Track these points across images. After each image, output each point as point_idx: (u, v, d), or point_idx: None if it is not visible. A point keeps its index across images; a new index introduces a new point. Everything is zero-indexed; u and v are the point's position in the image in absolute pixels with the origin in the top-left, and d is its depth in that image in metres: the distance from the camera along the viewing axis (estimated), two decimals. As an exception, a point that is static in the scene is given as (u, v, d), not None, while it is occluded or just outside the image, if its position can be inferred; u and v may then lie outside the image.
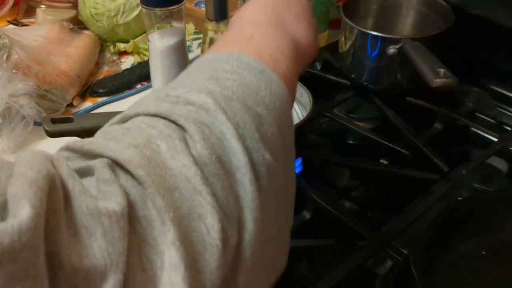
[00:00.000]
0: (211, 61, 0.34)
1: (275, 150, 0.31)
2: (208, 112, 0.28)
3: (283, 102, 0.33)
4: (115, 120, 0.30)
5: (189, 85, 0.31)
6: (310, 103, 0.64)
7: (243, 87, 0.31)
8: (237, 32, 0.39)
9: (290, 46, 0.39)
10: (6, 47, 0.72)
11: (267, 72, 0.33)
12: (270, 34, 0.39)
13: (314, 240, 0.57)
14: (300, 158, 0.68)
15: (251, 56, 0.33)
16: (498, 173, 0.70)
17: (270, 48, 0.36)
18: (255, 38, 0.37)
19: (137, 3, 0.92)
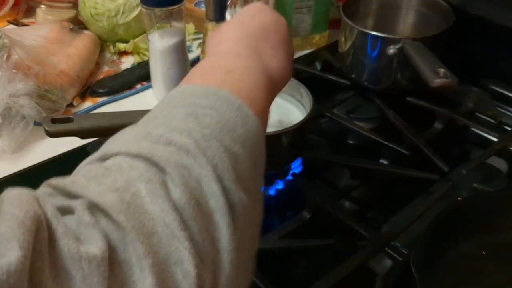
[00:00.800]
0: (191, 95, 0.34)
1: (249, 187, 0.31)
2: (188, 154, 0.29)
3: (258, 138, 0.34)
4: (96, 156, 0.30)
5: (170, 122, 0.31)
6: (310, 103, 0.64)
7: (221, 124, 0.32)
8: (215, 64, 0.40)
9: (265, 80, 0.39)
10: (6, 47, 0.72)
11: (244, 109, 0.34)
12: (247, 68, 0.39)
13: (314, 240, 0.57)
14: (300, 158, 0.68)
15: (229, 91, 0.34)
16: (498, 173, 0.70)
17: (247, 84, 0.37)
18: (233, 74, 0.37)
19: (137, 3, 0.92)
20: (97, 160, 0.29)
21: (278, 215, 0.65)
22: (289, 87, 0.69)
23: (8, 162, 0.69)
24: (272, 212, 0.66)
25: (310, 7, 0.92)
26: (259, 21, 0.45)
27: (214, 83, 0.35)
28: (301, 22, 0.94)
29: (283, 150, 0.63)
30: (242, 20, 0.45)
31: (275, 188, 0.65)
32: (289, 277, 0.57)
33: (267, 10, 0.47)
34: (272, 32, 0.45)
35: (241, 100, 0.34)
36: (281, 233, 0.58)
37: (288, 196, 0.66)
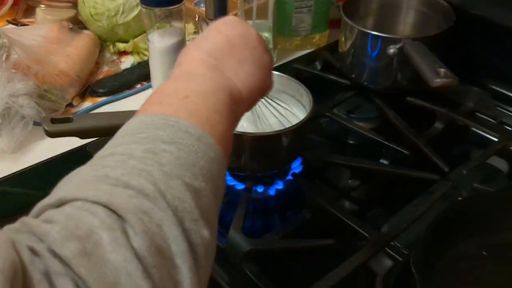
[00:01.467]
0: (149, 126, 0.33)
1: (211, 220, 0.31)
2: (148, 198, 0.28)
3: (219, 168, 0.34)
4: (52, 202, 0.28)
5: (128, 160, 0.30)
6: (310, 103, 0.64)
7: (181, 160, 0.31)
8: (173, 88, 0.38)
9: (227, 100, 0.39)
10: (5, 47, 0.72)
11: (204, 138, 0.33)
12: (207, 90, 0.38)
13: (314, 240, 0.57)
14: (300, 158, 0.68)
15: (188, 121, 0.33)
16: (498, 173, 0.70)
17: (207, 109, 0.36)
18: (191, 99, 0.36)
19: (136, 2, 0.92)
20: (54, 206, 0.28)
21: (278, 215, 0.65)
22: (289, 87, 0.69)
23: (7, 162, 0.69)
24: (272, 212, 0.66)
25: (310, 7, 0.92)
26: (224, 36, 0.44)
27: (173, 111, 0.34)
28: (301, 22, 0.94)
29: (283, 150, 0.63)
30: (206, 36, 0.44)
31: (275, 188, 0.65)
32: (289, 277, 0.57)
33: (235, 23, 0.46)
34: (238, 46, 0.44)
35: (201, 130, 0.33)
36: (281, 233, 0.58)
37: (288, 196, 0.66)
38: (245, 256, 0.54)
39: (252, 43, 0.45)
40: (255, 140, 0.61)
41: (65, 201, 0.28)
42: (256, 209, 0.64)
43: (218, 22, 0.46)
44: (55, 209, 0.28)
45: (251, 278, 0.53)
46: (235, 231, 0.55)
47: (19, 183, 0.67)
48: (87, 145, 0.67)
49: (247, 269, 0.53)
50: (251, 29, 0.46)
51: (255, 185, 0.64)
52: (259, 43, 0.46)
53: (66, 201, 0.28)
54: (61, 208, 0.27)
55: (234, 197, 0.65)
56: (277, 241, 0.57)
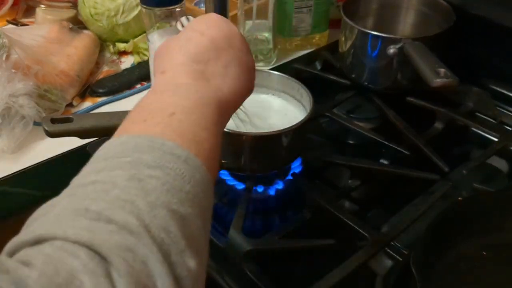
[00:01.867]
0: (133, 149, 0.31)
1: (199, 247, 0.30)
2: (131, 233, 0.27)
3: (206, 190, 0.33)
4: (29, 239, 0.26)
5: (111, 190, 0.28)
6: (310, 103, 0.64)
7: (167, 186, 0.30)
8: (158, 103, 0.37)
9: (214, 111, 0.38)
10: (5, 47, 0.72)
11: (191, 160, 0.32)
12: (193, 104, 0.37)
13: (314, 240, 0.57)
14: (300, 158, 0.68)
15: (174, 142, 0.32)
16: (498, 173, 0.70)
17: (193, 126, 0.35)
18: (176, 116, 0.35)
19: (136, 2, 0.92)
20: (31, 243, 0.26)
21: (278, 215, 0.65)
22: (289, 87, 0.69)
23: (7, 162, 0.69)
24: (272, 212, 0.66)
25: (310, 7, 0.92)
26: (209, 38, 0.42)
27: (158, 131, 0.33)
28: (301, 22, 0.94)
29: (283, 150, 0.63)
30: (190, 38, 0.43)
31: (275, 188, 0.65)
32: (289, 277, 0.57)
33: (219, 23, 0.44)
34: (223, 50, 0.42)
35: (187, 151, 0.32)
36: (281, 233, 0.58)
37: (288, 196, 0.66)
38: (245, 256, 0.54)
39: (237, 45, 0.44)
40: (255, 140, 0.61)
41: (43, 239, 0.26)
42: (256, 209, 0.64)
43: (200, 21, 0.45)
44: (33, 248, 0.26)
45: (251, 278, 0.53)
46: (235, 231, 0.55)
47: (19, 183, 0.67)
48: (87, 145, 0.67)
49: (247, 269, 0.53)
50: (234, 29, 0.45)
51: (255, 185, 0.64)
52: (243, 44, 0.45)
53: (44, 239, 0.26)
54: (39, 247, 0.25)
55: (234, 197, 0.65)
56: (277, 241, 0.57)
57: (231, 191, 0.65)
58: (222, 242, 0.56)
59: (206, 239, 0.32)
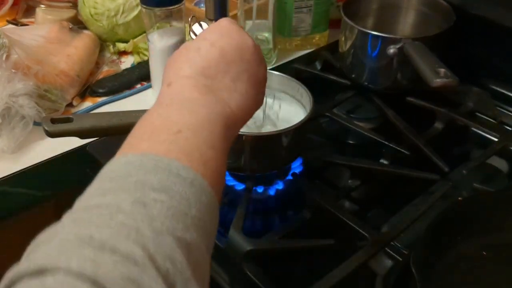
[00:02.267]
0: (138, 169, 0.31)
1: (203, 273, 0.30)
2: (136, 264, 0.26)
3: (212, 213, 0.32)
4: (28, 270, 0.25)
5: (115, 215, 0.28)
6: (310, 103, 0.64)
7: (172, 211, 0.29)
8: (164, 120, 0.36)
9: (222, 128, 0.37)
10: (5, 47, 0.72)
11: (198, 182, 0.31)
12: (200, 122, 0.36)
13: (314, 240, 0.57)
14: (300, 158, 0.68)
15: (180, 163, 0.31)
16: (498, 173, 0.70)
17: (200, 145, 0.34)
18: (183, 134, 0.34)
19: (137, 2, 0.92)
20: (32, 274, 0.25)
21: (278, 215, 0.65)
22: (289, 87, 0.69)
23: (7, 162, 0.69)
24: (272, 212, 0.66)
25: (310, 7, 0.92)
26: (219, 50, 0.41)
27: (164, 150, 0.32)
28: (301, 22, 0.94)
29: (283, 150, 0.63)
30: (199, 48, 0.41)
31: (275, 188, 0.65)
32: (289, 277, 0.57)
33: (231, 32, 0.42)
34: (233, 62, 0.41)
35: (193, 171, 0.31)
36: (281, 233, 0.58)
37: (288, 196, 0.66)
38: (245, 256, 0.54)
39: (248, 56, 0.42)
40: (255, 140, 0.61)
41: (46, 270, 0.25)
42: (256, 209, 0.64)
43: (213, 29, 0.43)
44: (34, 280, 0.25)
45: (251, 278, 0.53)
46: (235, 231, 0.55)
47: (19, 183, 0.67)
48: (87, 145, 0.67)
49: (247, 269, 0.53)
50: (247, 39, 0.43)
51: (255, 185, 0.64)
52: (255, 54, 0.43)
53: (46, 270, 0.25)
54: (41, 279, 0.24)
55: (234, 197, 0.65)
56: (277, 241, 0.57)
57: (231, 191, 0.65)
58: (222, 242, 0.56)
59: (208, 263, 0.31)
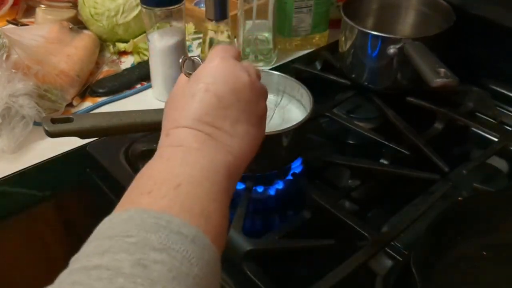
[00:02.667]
0: (139, 227, 0.30)
1: None
2: None
3: (214, 269, 0.31)
4: None
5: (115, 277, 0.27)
6: (310, 103, 0.64)
7: (174, 272, 0.28)
8: (164, 173, 0.35)
9: (224, 183, 0.36)
10: (5, 47, 0.72)
11: (199, 239, 0.31)
12: (201, 174, 0.35)
13: (314, 240, 0.57)
14: (300, 158, 0.68)
15: (181, 219, 0.31)
16: (498, 173, 0.70)
17: (201, 199, 0.33)
18: (184, 187, 0.33)
19: (137, 2, 0.92)
20: None
21: (278, 215, 0.65)
22: (289, 87, 0.69)
23: (7, 162, 0.69)
24: (272, 212, 0.66)
25: (310, 7, 0.92)
26: (214, 95, 0.39)
27: (164, 205, 0.32)
28: (301, 22, 0.94)
29: (283, 150, 0.63)
30: (194, 94, 0.40)
31: (275, 188, 0.65)
32: (289, 277, 0.57)
33: (226, 73, 0.41)
34: (230, 106, 0.39)
35: (195, 228, 0.31)
36: (281, 233, 0.58)
37: (288, 196, 0.66)
38: (245, 256, 0.54)
39: (245, 96, 0.41)
40: (255, 140, 0.61)
41: None
42: (256, 209, 0.64)
43: (205, 71, 0.41)
44: None
45: (251, 278, 0.53)
46: (235, 231, 0.55)
47: (19, 183, 0.67)
48: (87, 145, 0.67)
49: (247, 269, 0.53)
50: (241, 76, 0.41)
51: (255, 185, 0.64)
52: (252, 91, 0.41)
53: None
54: None
55: (234, 197, 0.65)
56: (277, 241, 0.57)
57: (231, 191, 0.65)
58: (222, 242, 0.56)
59: None
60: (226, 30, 0.83)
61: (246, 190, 0.62)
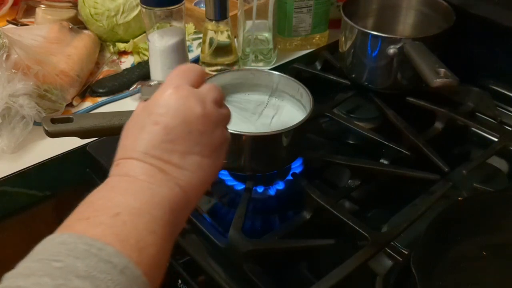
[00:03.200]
0: (69, 253, 0.30)
1: None
2: None
3: None
4: None
5: None
6: (310, 103, 0.64)
7: None
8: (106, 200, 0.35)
9: (166, 217, 0.35)
10: (5, 47, 0.72)
11: (129, 270, 0.30)
12: (142, 205, 0.35)
13: (314, 240, 0.57)
14: (300, 158, 0.68)
15: (114, 248, 0.30)
16: (498, 173, 0.70)
17: (139, 230, 0.33)
18: (122, 216, 0.33)
19: (137, 2, 0.92)
20: None
21: (278, 215, 0.65)
22: (289, 87, 0.69)
23: (7, 162, 0.69)
24: (272, 212, 0.66)
25: (310, 7, 0.92)
26: (163, 128, 0.38)
27: (99, 233, 0.31)
28: (301, 22, 0.94)
29: (283, 150, 0.63)
30: (143, 126, 0.39)
31: (275, 188, 0.65)
32: (289, 277, 0.57)
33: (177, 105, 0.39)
34: (180, 138, 0.39)
35: (126, 258, 0.30)
36: (281, 233, 0.58)
37: (288, 196, 0.66)
38: (245, 256, 0.54)
39: (198, 127, 0.40)
40: (255, 140, 0.61)
41: None
42: (256, 209, 0.64)
43: (157, 102, 0.40)
44: None
45: (251, 278, 0.53)
46: (235, 231, 0.55)
47: (19, 183, 0.67)
48: (87, 145, 0.67)
49: (247, 269, 0.53)
50: (194, 108, 0.40)
51: (255, 185, 0.64)
52: (206, 123, 0.40)
53: None
54: None
55: (234, 197, 0.65)
56: (277, 241, 0.57)
57: (231, 191, 0.65)
58: (222, 242, 0.56)
59: None
60: (226, 30, 0.83)
61: (246, 190, 0.62)
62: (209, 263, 0.55)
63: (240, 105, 0.63)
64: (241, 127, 0.61)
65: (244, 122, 0.64)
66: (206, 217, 0.62)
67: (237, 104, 0.63)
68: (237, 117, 0.63)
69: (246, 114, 0.64)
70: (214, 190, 0.68)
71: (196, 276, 0.56)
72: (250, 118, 0.64)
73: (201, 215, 0.62)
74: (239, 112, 0.64)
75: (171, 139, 0.38)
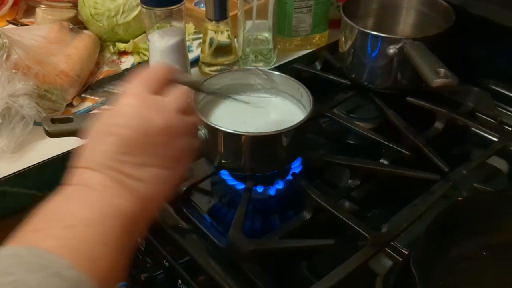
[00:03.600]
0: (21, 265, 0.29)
1: None
2: None
3: None
4: None
5: None
6: (310, 103, 0.64)
7: None
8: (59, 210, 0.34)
9: (120, 228, 0.35)
10: (5, 47, 0.72)
11: (82, 283, 0.30)
12: (96, 215, 0.34)
13: (314, 240, 0.57)
14: (300, 158, 0.68)
15: (66, 260, 0.30)
16: (498, 173, 0.70)
17: (92, 242, 0.33)
18: (75, 228, 0.33)
19: (137, 3, 0.92)
20: None
21: (278, 215, 0.65)
22: (289, 87, 0.69)
23: (7, 162, 0.69)
24: (272, 212, 0.66)
25: (310, 7, 0.92)
26: (119, 139, 0.38)
27: (51, 244, 0.31)
28: (301, 22, 0.94)
29: (283, 150, 0.63)
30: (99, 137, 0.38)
31: (275, 188, 0.65)
32: (289, 277, 0.57)
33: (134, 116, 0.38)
34: (136, 149, 0.38)
35: (79, 271, 0.30)
36: (281, 233, 0.58)
37: (288, 196, 0.66)
38: (245, 256, 0.54)
39: (157, 139, 0.39)
40: (255, 140, 0.61)
41: None
42: (256, 209, 0.64)
43: (116, 111, 0.39)
44: None
45: (251, 278, 0.53)
46: (235, 231, 0.55)
47: (19, 183, 0.67)
48: (87, 145, 0.67)
49: (247, 269, 0.53)
50: (154, 119, 0.39)
51: (255, 185, 0.64)
52: (166, 134, 0.39)
53: None
54: None
55: (234, 197, 0.65)
56: (277, 241, 0.57)
57: (231, 191, 0.65)
58: (222, 242, 0.56)
59: None
60: (226, 30, 0.83)
61: (246, 190, 0.62)
62: (209, 263, 0.55)
63: (240, 105, 0.63)
64: (241, 127, 0.61)
65: (244, 122, 0.64)
66: (206, 217, 0.62)
67: (237, 104, 0.63)
68: (236, 117, 0.63)
69: (246, 114, 0.64)
70: (214, 190, 0.68)
71: (196, 276, 0.56)
72: (250, 118, 0.64)
73: (201, 215, 0.62)
74: (238, 112, 0.64)
75: (128, 151, 0.38)
